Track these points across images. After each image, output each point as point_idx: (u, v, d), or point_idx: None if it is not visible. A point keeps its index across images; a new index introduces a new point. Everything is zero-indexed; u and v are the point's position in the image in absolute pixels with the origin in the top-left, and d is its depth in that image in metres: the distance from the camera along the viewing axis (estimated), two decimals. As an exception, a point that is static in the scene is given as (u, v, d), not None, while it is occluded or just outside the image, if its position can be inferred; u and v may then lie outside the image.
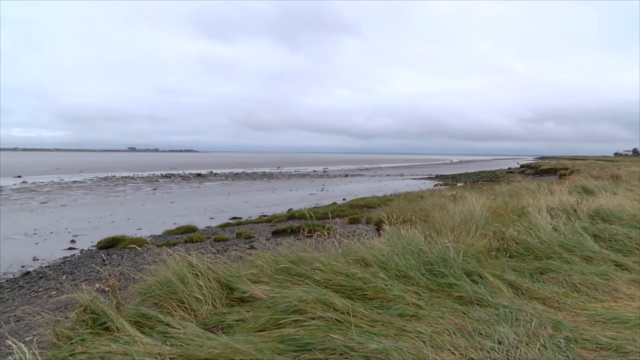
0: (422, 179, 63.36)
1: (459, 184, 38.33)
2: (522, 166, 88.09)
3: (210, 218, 26.24)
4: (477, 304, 4.57)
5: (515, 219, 8.47)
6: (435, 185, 44.75)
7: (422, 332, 3.77)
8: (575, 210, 8.82)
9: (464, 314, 4.26)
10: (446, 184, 43.77)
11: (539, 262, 6.12)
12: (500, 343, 3.58)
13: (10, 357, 3.26)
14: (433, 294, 4.88)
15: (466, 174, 72.84)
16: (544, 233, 6.97)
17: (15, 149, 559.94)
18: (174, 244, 15.54)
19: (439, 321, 4.04)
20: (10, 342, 3.32)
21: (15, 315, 9.23)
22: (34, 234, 21.71)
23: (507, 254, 6.40)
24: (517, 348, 3.50)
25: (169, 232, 20.88)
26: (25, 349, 3.16)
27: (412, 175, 74.70)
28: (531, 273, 5.71)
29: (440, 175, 70.11)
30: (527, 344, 3.57)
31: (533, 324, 3.92)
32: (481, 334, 3.75)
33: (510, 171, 75.85)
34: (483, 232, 7.75)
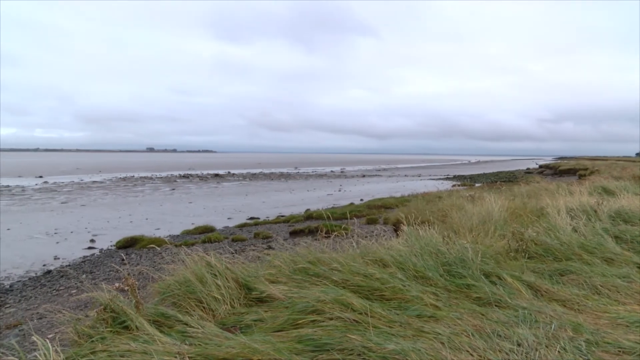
0: (439, 179, 63.10)
1: (477, 185, 38.09)
2: (540, 166, 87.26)
3: (228, 218, 26.38)
4: (495, 305, 4.53)
5: (534, 220, 8.40)
6: (453, 185, 44.51)
7: (440, 333, 3.75)
8: (595, 211, 8.72)
9: (483, 315, 4.23)
10: (464, 185, 43.51)
11: (558, 264, 6.05)
12: (519, 345, 3.55)
13: (35, 353, 3.32)
14: (451, 295, 4.85)
15: (484, 174, 72.39)
16: (563, 234, 6.89)
17: (36, 150, 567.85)
18: (192, 244, 15.65)
19: (457, 322, 4.01)
20: (35, 339, 3.38)
21: (38, 313, 9.38)
22: (55, 233, 22.01)
23: (526, 255, 6.34)
24: (537, 350, 3.47)
25: (187, 232, 21.03)
26: (49, 346, 3.21)
27: (430, 175, 74.41)
28: (550, 274, 5.64)
29: (458, 176, 69.76)
30: (546, 347, 3.54)
31: (553, 326, 3.88)
32: (500, 336, 3.72)
33: (528, 171, 75.23)
34: (501, 233, 7.69)
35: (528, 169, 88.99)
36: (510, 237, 6.83)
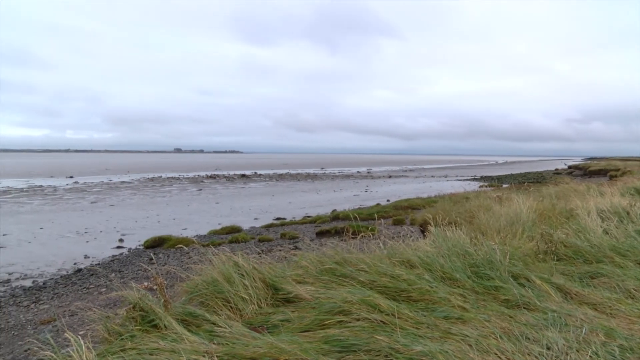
0: (466, 180, 62.54)
1: (504, 186, 37.63)
2: (569, 167, 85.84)
3: (255, 218, 26.52)
4: (524, 308, 4.47)
5: (563, 222, 8.28)
6: (480, 186, 44.08)
7: (467, 335, 3.72)
8: (628, 213, 8.55)
9: (511, 317, 4.18)
10: (491, 185, 43.04)
11: (589, 266, 5.94)
12: (548, 349, 3.50)
13: (68, 349, 3.39)
14: (479, 297, 4.81)
15: (511, 175, 71.51)
16: (594, 236, 6.78)
17: (67, 151, 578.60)
18: (219, 244, 15.77)
19: (485, 324, 3.97)
20: (68, 335, 3.46)
21: (69, 310, 9.57)
22: (85, 232, 22.41)
23: (555, 257, 6.24)
24: (567, 354, 3.41)
25: (214, 232, 21.18)
26: (81, 342, 3.27)
27: (456, 176, 73.78)
28: (581, 277, 5.54)
29: (485, 177, 69.03)
30: (577, 351, 3.47)
31: (584, 330, 3.80)
32: (529, 339, 3.67)
33: (557, 172, 74.10)
34: (530, 234, 7.60)
35: (556, 169, 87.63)
36: (539, 238, 6.74)
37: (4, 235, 21.61)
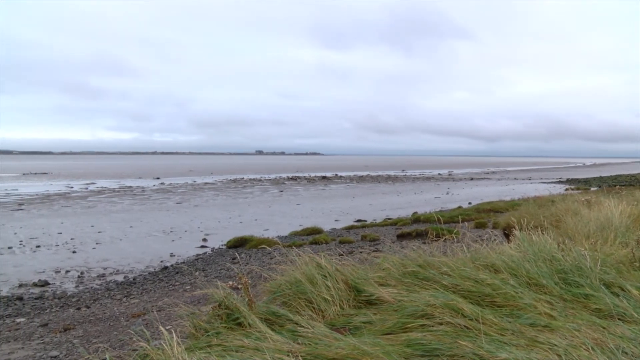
0: (551, 182, 60.18)
1: (592, 189, 35.91)
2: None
3: (335, 220, 26.68)
4: (618, 319, 4.22)
5: (661, 228, 7.82)
6: (567, 189, 42.27)
7: (556, 345, 3.57)
8: None
9: (604, 328, 3.96)
10: (578, 189, 41.19)
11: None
12: (648, 364, 3.32)
13: (160, 341, 3.56)
14: (567, 305, 4.62)
15: (600, 177, 68.12)
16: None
17: (154, 153, 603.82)
18: (300, 245, 15.98)
19: (575, 334, 3.79)
20: (160, 329, 3.63)
21: (157, 306, 10.00)
22: (171, 231, 23.35)
23: (653, 266, 5.91)
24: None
25: (295, 234, 21.47)
26: (173, 336, 3.43)
27: (541, 178, 71.15)
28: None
29: (572, 179, 66.15)
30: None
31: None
32: (626, 353, 3.45)
33: (654, 175, 69.91)
34: (623, 240, 7.21)
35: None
36: (635, 245, 6.40)
37: (99, 232, 22.94)
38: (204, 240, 21.02)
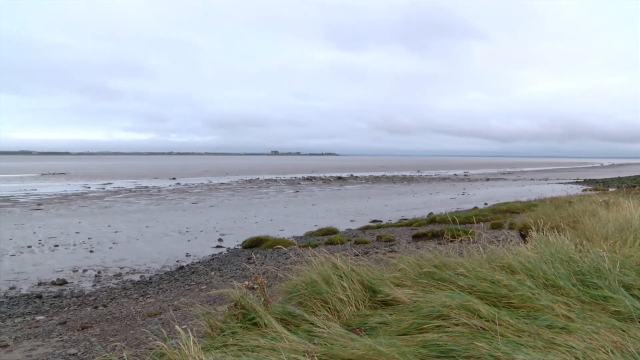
0: (568, 183, 59.65)
1: (610, 189, 35.52)
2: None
3: (351, 220, 26.66)
4: (639, 322, 4.20)
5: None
6: (584, 190, 41.86)
7: (574, 347, 3.53)
8: None
9: (623, 331, 3.90)
10: (596, 189, 40.73)
11: None
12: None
13: (177, 340, 3.60)
14: (585, 307, 4.57)
15: (619, 178, 67.30)
16: None
17: (170, 153, 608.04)
18: (315, 245, 15.99)
19: (593, 337, 3.75)
20: (176, 328, 3.66)
21: (173, 305, 10.07)
22: (187, 231, 23.48)
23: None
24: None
25: (310, 234, 21.47)
26: (190, 335, 3.46)
27: (557, 179, 70.52)
28: None
29: (589, 180, 65.43)
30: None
31: None
32: (645, 356, 3.44)
33: (674, 175, 68.94)
34: (643, 242, 7.14)
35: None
36: (654, 247, 6.34)
37: (115, 232, 23.15)
38: (220, 240, 21.10)
